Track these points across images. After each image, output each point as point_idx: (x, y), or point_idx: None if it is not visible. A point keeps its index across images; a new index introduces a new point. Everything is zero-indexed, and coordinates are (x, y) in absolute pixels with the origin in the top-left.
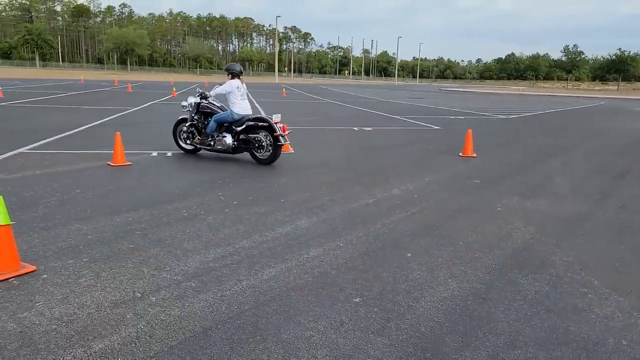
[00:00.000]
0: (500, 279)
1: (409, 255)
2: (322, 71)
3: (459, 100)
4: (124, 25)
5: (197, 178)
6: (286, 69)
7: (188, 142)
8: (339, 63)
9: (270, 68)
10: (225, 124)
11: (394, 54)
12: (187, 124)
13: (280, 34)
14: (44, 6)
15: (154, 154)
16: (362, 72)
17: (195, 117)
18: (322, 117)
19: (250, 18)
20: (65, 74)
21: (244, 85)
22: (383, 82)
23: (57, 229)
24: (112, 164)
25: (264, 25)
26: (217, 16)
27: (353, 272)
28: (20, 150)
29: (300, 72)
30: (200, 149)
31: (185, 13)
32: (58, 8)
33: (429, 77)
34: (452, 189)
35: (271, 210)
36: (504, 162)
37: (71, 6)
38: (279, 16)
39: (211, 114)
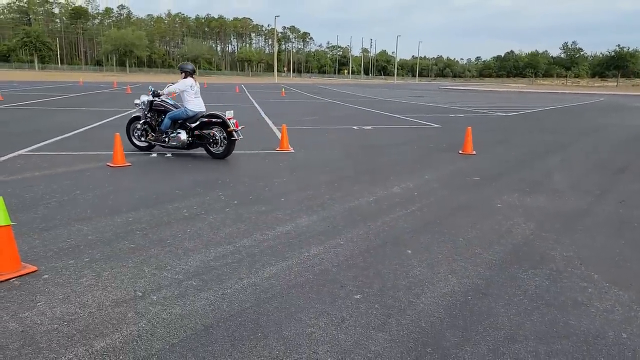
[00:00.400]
0: (500, 274)
1: (410, 252)
2: (321, 71)
3: (459, 98)
4: (123, 27)
5: (197, 178)
6: (285, 69)
7: (142, 139)
8: (338, 62)
9: (269, 68)
10: (179, 121)
11: (393, 52)
12: (140, 122)
13: (279, 34)
14: (42, 8)
15: (154, 154)
16: (362, 72)
17: (149, 115)
18: (321, 116)
19: (249, 18)
20: (64, 76)
21: (197, 83)
22: (382, 81)
23: (57, 229)
24: (111, 165)
25: (262, 26)
26: (216, 17)
27: (354, 270)
28: (19, 152)
29: (299, 71)
30: (154, 146)
31: (183, 14)
32: (56, 10)
33: (428, 76)
34: (452, 186)
35: (271, 209)
36: (504, 159)
37: (69, 8)
38: (277, 16)
39: (165, 111)
